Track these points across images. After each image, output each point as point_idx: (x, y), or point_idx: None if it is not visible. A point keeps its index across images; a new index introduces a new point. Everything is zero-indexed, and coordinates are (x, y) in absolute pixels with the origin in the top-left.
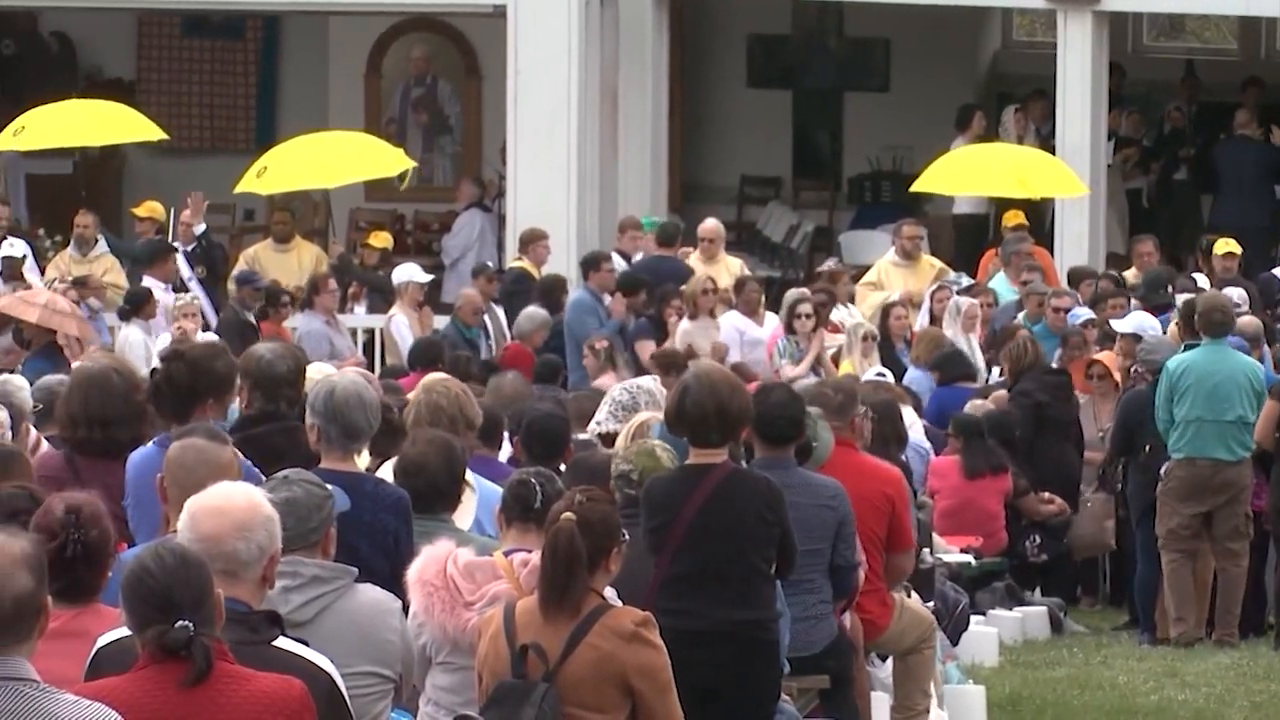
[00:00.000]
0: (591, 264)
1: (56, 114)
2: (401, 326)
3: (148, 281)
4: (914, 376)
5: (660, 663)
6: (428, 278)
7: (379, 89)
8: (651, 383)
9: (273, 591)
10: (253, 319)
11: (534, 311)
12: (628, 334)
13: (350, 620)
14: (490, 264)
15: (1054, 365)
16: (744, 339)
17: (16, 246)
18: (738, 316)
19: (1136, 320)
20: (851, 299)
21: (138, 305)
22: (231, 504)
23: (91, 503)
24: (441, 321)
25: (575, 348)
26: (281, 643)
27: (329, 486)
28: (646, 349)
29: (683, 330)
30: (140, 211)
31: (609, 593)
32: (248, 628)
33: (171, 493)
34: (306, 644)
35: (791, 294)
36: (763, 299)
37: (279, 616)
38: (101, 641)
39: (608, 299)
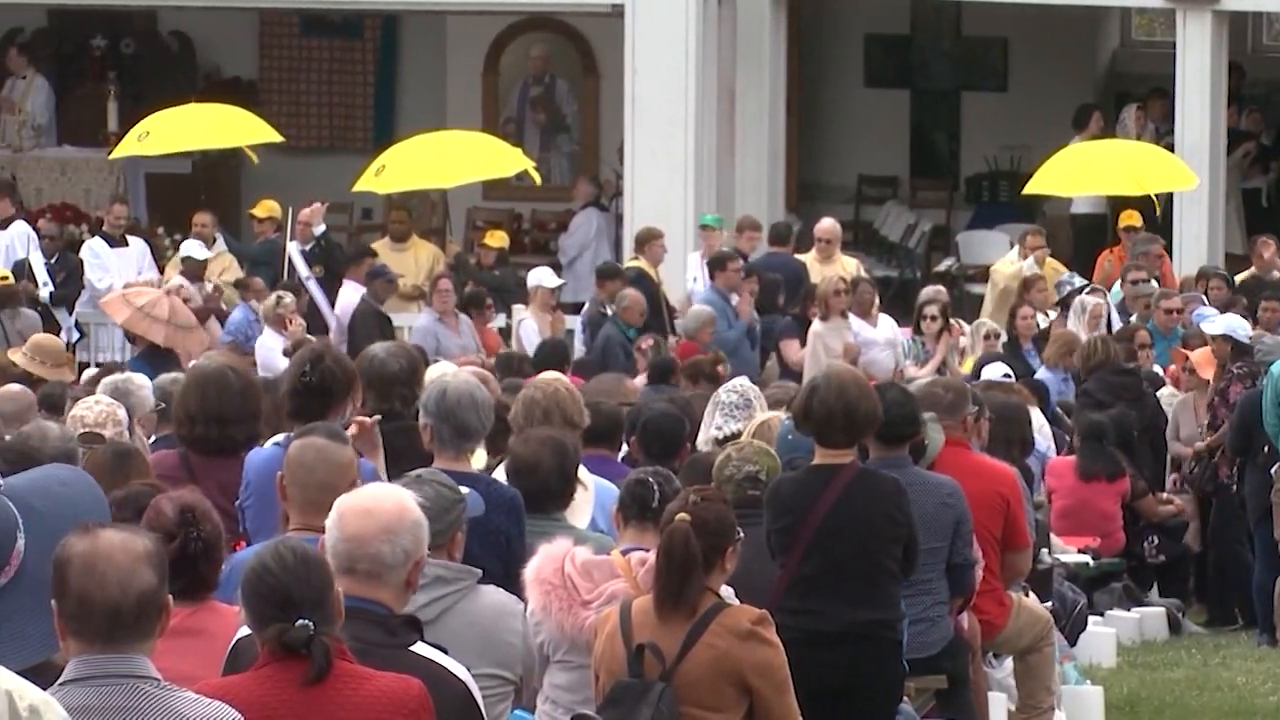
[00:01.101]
0: (718, 264)
1: (178, 118)
2: (530, 330)
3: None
4: (1045, 377)
5: (777, 661)
6: (558, 281)
7: (497, 88)
8: (749, 381)
9: None
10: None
11: (699, 309)
12: (775, 331)
13: (472, 621)
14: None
15: (1155, 367)
16: (858, 339)
17: (195, 248)
18: (851, 317)
19: (1226, 322)
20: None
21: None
22: (380, 506)
23: (201, 500)
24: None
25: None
26: (419, 648)
27: (464, 490)
28: (791, 348)
29: (814, 331)
30: (258, 211)
31: (726, 591)
32: (387, 631)
33: (291, 491)
34: (446, 651)
35: (925, 293)
36: (876, 299)
37: (418, 621)
38: (241, 634)
39: (734, 298)
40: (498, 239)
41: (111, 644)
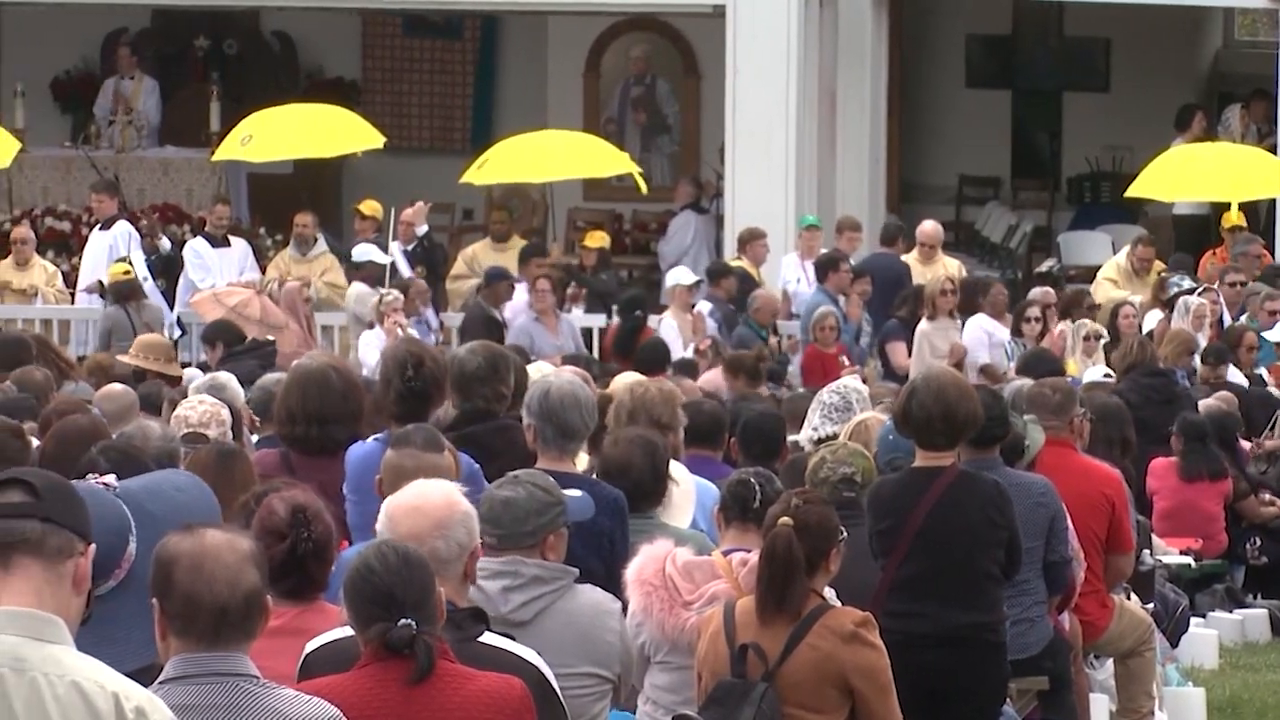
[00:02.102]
0: (829, 265)
1: (281, 120)
2: (670, 329)
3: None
4: None
5: (880, 663)
6: (695, 278)
7: (597, 88)
8: (858, 381)
9: (493, 591)
10: (499, 315)
11: (822, 311)
12: (883, 333)
13: (570, 621)
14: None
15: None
16: (991, 340)
17: (373, 252)
18: (985, 318)
19: None
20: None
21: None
22: (428, 502)
23: (313, 500)
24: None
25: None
26: (487, 638)
27: (574, 494)
28: (898, 350)
29: (921, 331)
30: (364, 208)
31: (828, 593)
32: (453, 625)
33: (388, 493)
34: (513, 638)
35: (1033, 294)
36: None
37: (483, 613)
38: (311, 646)
39: (843, 300)
40: (597, 239)
41: (217, 643)
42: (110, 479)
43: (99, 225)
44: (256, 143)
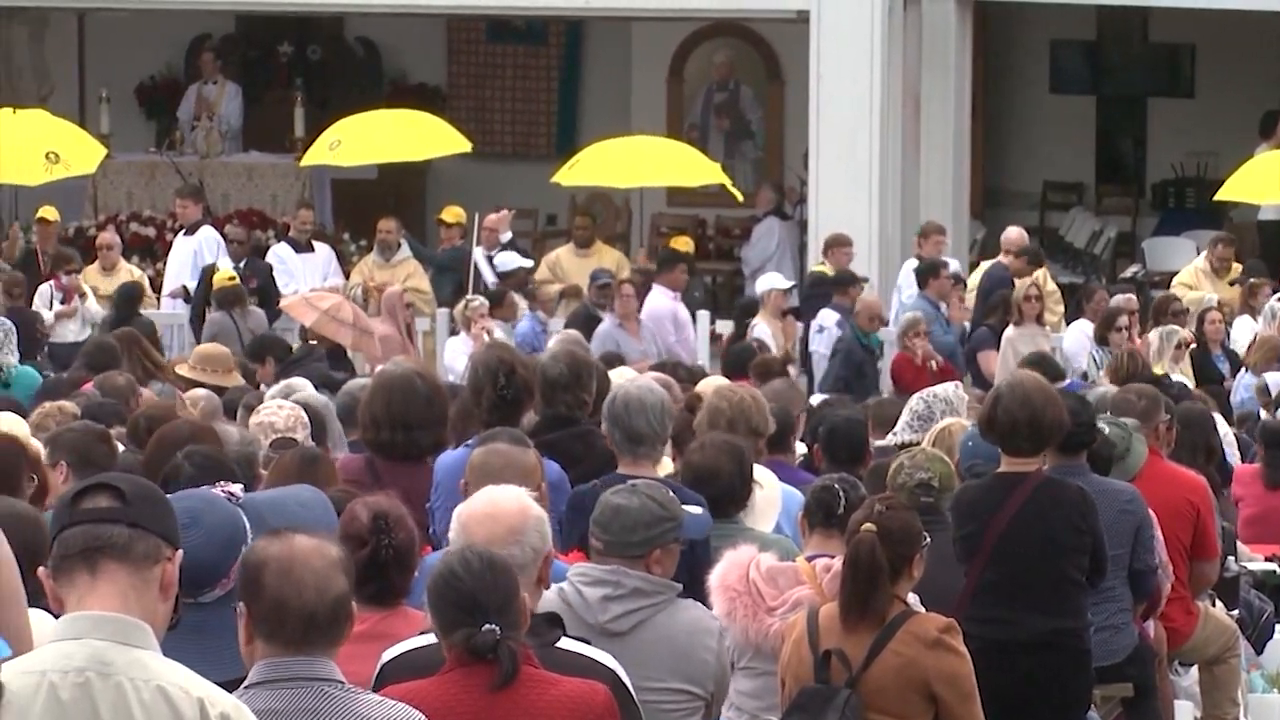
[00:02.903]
0: (930, 271)
1: (369, 125)
2: (764, 335)
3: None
4: (1248, 383)
5: (964, 670)
6: (789, 283)
7: (681, 94)
8: (951, 390)
9: (593, 598)
10: (602, 316)
11: (911, 317)
12: (973, 341)
13: (666, 635)
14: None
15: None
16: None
17: (516, 258)
18: (1087, 324)
19: None
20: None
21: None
22: (501, 509)
23: (396, 506)
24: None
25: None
26: (565, 643)
27: (694, 511)
28: (990, 359)
29: (1008, 337)
30: (446, 216)
31: (912, 598)
32: (530, 630)
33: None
34: (589, 643)
35: (1115, 301)
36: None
37: (559, 618)
38: (388, 655)
39: (943, 305)
40: (681, 244)
41: (304, 648)
42: (236, 489)
43: (183, 230)
44: (345, 148)
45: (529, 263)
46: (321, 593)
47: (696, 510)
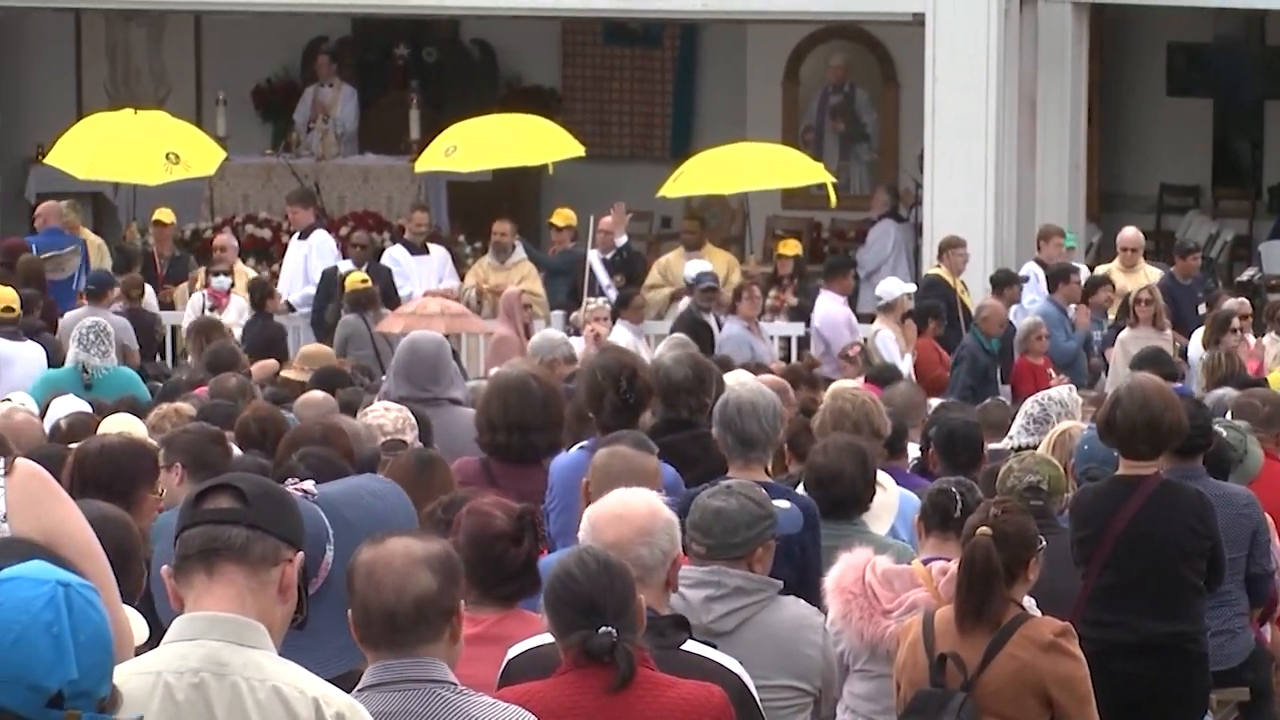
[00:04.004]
0: (1060, 276)
1: (485, 130)
2: (887, 340)
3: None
4: None
5: (1079, 673)
6: (911, 287)
7: (796, 97)
8: (1066, 393)
9: (695, 600)
10: (710, 320)
11: (1032, 322)
12: (1093, 344)
13: (771, 633)
14: (1022, 274)
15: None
16: None
17: (702, 265)
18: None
19: None
20: None
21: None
22: (632, 510)
23: (530, 506)
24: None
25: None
26: (690, 646)
27: (783, 505)
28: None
29: (1121, 340)
30: (557, 220)
31: (1028, 602)
32: (656, 632)
33: (595, 499)
34: (715, 646)
35: (1228, 305)
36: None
37: (686, 620)
38: (514, 651)
39: (1071, 310)
40: (792, 248)
41: (393, 648)
42: (309, 485)
43: (297, 234)
44: (461, 153)
45: (704, 264)
46: (400, 592)
47: (785, 505)
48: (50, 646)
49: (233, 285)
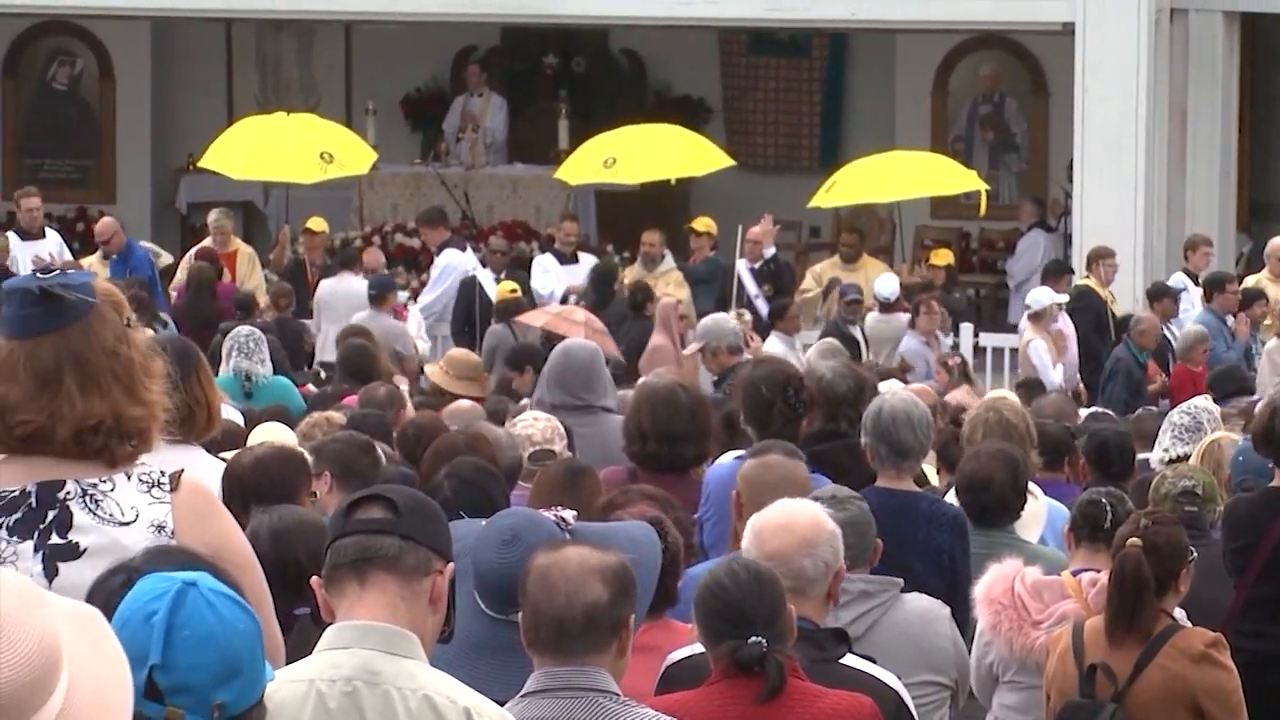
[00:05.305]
0: (1215, 285)
1: (640, 142)
2: (1039, 349)
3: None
4: None
5: (1231, 684)
6: (1063, 297)
7: (945, 107)
8: (1208, 403)
9: None
10: (856, 333)
11: (1194, 329)
12: (1253, 355)
13: (901, 631)
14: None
15: None
16: None
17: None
18: None
19: None
20: None
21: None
22: (797, 521)
23: (664, 515)
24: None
25: None
26: (849, 659)
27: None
28: None
29: (1268, 349)
30: (697, 226)
31: (1178, 613)
32: (815, 645)
33: (747, 509)
34: (874, 660)
35: None
36: None
37: (846, 634)
38: (673, 658)
39: (1230, 320)
40: (942, 257)
41: (560, 655)
42: (569, 515)
43: (435, 250)
44: (620, 165)
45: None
46: (571, 599)
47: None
48: (143, 631)
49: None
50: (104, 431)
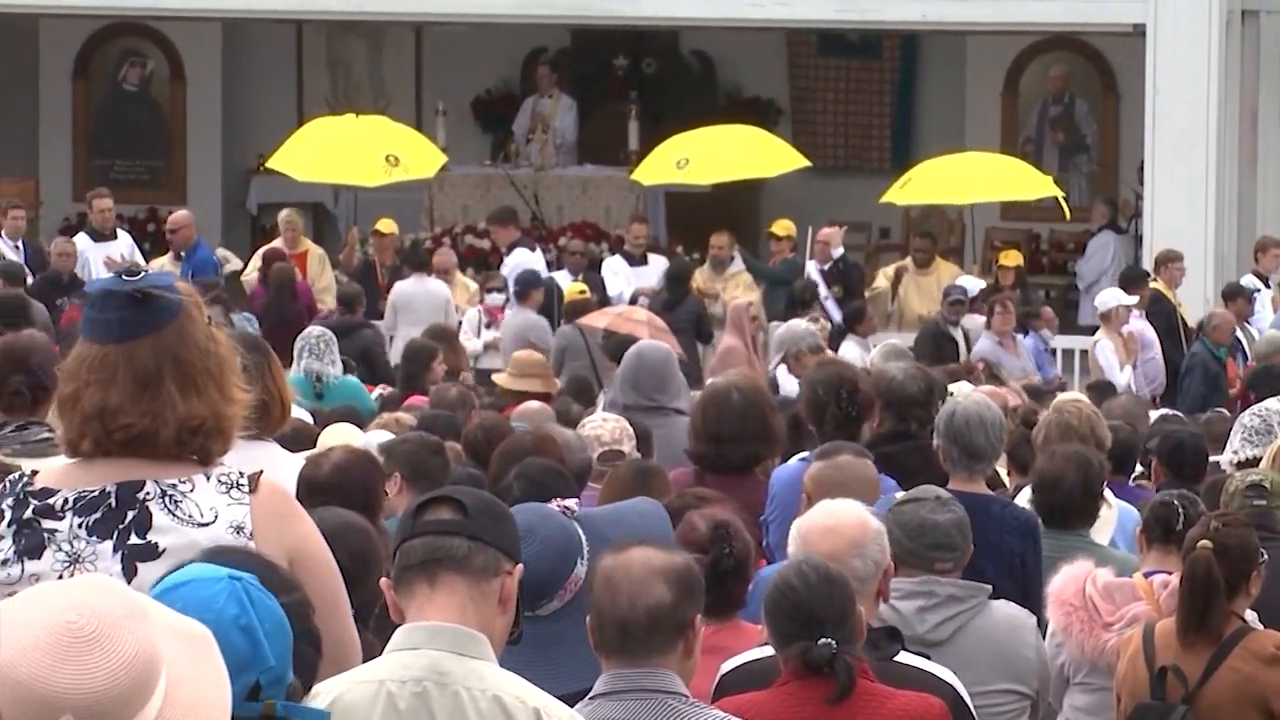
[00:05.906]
0: None
1: (713, 143)
2: (1106, 351)
3: None
4: None
5: None
6: (1131, 299)
7: (1015, 108)
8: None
9: (908, 611)
10: (957, 333)
11: (1274, 335)
12: None
13: (986, 638)
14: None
15: None
16: None
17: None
18: None
19: None
20: None
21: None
22: (842, 522)
23: (733, 517)
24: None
25: None
26: (903, 657)
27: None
28: None
29: None
30: (777, 229)
31: (1249, 615)
32: (869, 643)
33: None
34: (929, 657)
35: None
36: None
37: (898, 631)
38: (728, 665)
39: None
40: (1012, 259)
41: (625, 657)
42: (572, 503)
43: (505, 250)
44: (693, 166)
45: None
46: (634, 600)
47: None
48: (244, 640)
49: (481, 300)
50: (204, 432)
